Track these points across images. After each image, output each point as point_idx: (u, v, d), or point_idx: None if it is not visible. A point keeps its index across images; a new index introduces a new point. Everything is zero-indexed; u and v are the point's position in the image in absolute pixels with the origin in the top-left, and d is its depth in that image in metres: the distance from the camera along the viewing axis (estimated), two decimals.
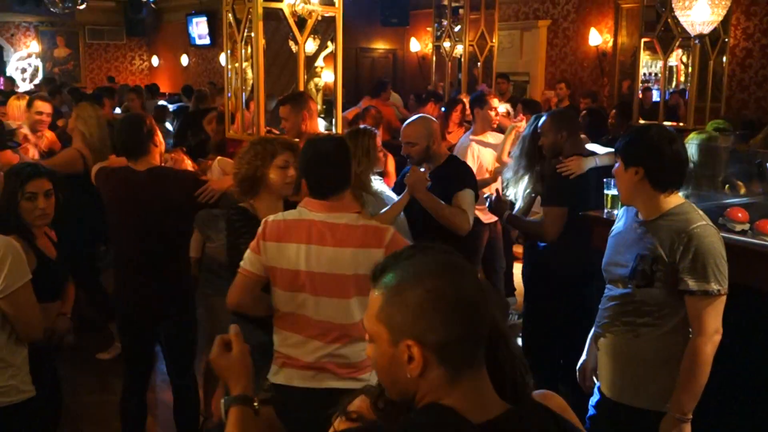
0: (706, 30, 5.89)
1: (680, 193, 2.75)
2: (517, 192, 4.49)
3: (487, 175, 5.59)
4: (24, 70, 17.59)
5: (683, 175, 2.67)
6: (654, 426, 2.60)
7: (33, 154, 5.27)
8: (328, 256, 2.64)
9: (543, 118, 4.21)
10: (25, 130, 5.44)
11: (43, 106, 5.48)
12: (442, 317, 1.28)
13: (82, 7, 12.05)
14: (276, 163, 3.08)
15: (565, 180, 3.90)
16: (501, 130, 5.95)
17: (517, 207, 4.44)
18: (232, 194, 3.35)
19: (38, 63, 17.82)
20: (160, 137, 3.72)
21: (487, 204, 4.41)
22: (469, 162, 5.20)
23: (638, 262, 2.64)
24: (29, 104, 5.59)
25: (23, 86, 15.54)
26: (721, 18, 5.90)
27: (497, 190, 4.42)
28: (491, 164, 5.69)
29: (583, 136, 6.40)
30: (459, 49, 9.72)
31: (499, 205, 4.26)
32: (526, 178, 4.43)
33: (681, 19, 5.85)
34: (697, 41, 6.22)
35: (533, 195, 4.45)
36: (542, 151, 4.18)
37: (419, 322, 1.28)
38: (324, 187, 2.72)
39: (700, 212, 2.64)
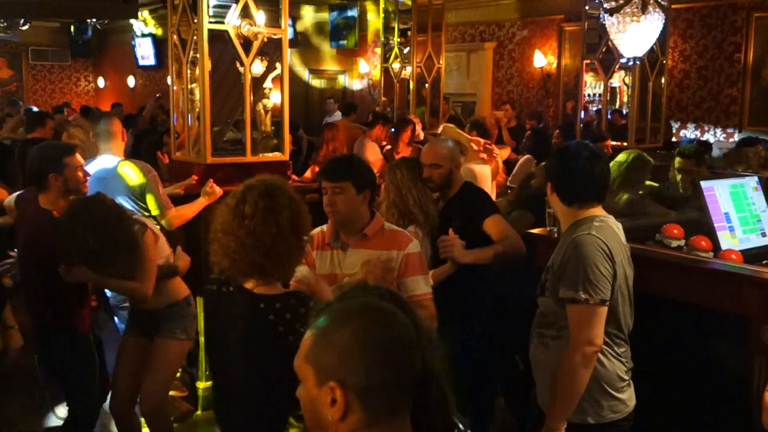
0: (640, 53, 6.07)
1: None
2: None
3: None
4: None
5: (591, 190, 2.64)
6: None
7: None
8: None
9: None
10: None
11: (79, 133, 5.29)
12: (366, 361, 1.29)
13: (25, 27, 11.83)
14: None
15: None
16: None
17: None
18: None
19: None
20: (73, 175, 3.46)
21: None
22: None
23: (543, 272, 2.70)
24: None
25: None
26: (653, 42, 6.09)
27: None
28: None
29: (528, 156, 6.54)
30: (407, 71, 9.83)
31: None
32: None
33: (616, 43, 6.02)
34: (631, 63, 6.40)
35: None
36: None
37: (344, 365, 1.30)
38: None
39: (597, 224, 2.58)
